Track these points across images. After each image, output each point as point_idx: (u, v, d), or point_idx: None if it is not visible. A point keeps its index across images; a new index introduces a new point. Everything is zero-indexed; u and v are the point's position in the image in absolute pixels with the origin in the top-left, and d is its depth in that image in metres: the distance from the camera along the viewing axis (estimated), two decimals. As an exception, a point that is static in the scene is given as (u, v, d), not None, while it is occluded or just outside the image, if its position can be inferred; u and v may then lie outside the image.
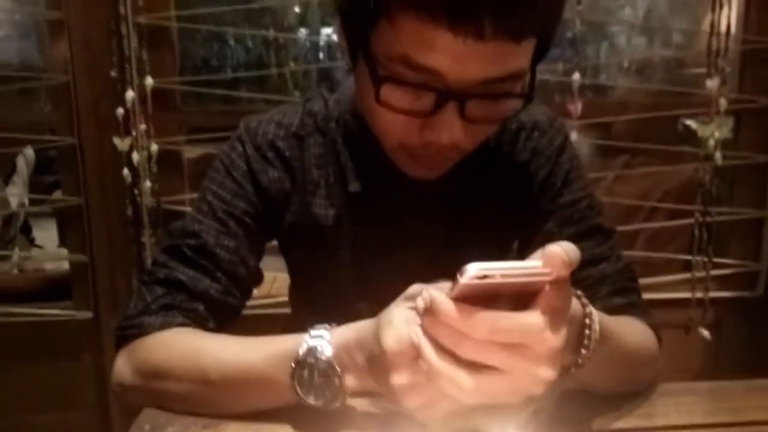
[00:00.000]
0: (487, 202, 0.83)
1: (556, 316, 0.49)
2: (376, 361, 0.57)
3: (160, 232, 1.50)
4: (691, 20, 2.48)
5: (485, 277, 0.47)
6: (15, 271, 2.08)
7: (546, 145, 0.82)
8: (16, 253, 1.88)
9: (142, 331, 0.73)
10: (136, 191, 1.50)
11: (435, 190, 0.77)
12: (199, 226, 0.78)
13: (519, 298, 0.51)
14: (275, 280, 1.65)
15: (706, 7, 1.98)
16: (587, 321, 0.58)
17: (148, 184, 1.50)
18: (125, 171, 1.49)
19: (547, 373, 0.49)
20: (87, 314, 1.60)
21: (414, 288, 0.57)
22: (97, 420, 1.59)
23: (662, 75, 2.07)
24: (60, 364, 1.62)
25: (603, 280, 0.78)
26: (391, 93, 0.64)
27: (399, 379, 0.54)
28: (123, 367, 0.73)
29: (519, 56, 0.63)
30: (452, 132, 0.65)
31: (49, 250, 2.33)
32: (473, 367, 0.49)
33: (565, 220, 0.80)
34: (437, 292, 0.50)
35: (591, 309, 0.59)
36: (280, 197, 0.82)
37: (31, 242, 3.70)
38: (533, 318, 0.49)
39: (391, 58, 0.63)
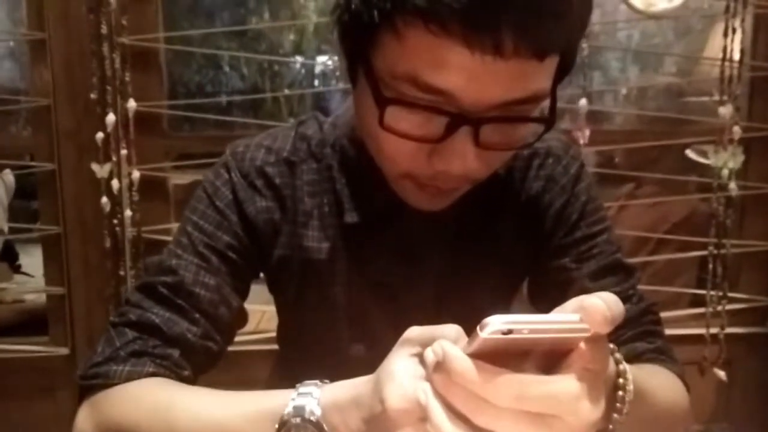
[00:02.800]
0: (496, 235, 0.75)
1: (594, 383, 0.41)
2: (375, 422, 0.49)
3: (141, 265, 1.42)
4: (688, 48, 2.46)
5: (510, 332, 0.39)
6: (-6, 301, 1.99)
7: (561, 173, 0.75)
8: (-5, 282, 1.80)
9: (108, 381, 0.65)
10: (115, 221, 1.42)
11: (440, 222, 0.70)
12: (177, 262, 0.71)
13: (548, 358, 0.43)
14: (264, 315, 1.57)
15: (706, 35, 1.94)
16: (621, 381, 0.51)
17: (128, 213, 1.42)
18: (104, 199, 1.41)
19: None
20: (63, 350, 1.51)
21: (412, 332, 0.50)
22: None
23: (662, 103, 2.03)
24: (35, 402, 1.54)
25: (625, 323, 0.70)
26: (396, 116, 0.56)
27: None
28: (84, 422, 0.65)
29: (541, 76, 0.55)
30: (465, 160, 0.57)
31: (33, 280, 2.24)
32: None
33: (582, 255, 0.74)
34: (451, 346, 0.42)
35: (625, 367, 0.51)
36: (268, 229, 0.74)
37: (16, 270, 3.60)
38: (568, 384, 0.41)
39: (397, 77, 0.55)
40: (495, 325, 0.39)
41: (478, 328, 0.40)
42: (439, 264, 0.74)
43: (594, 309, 0.40)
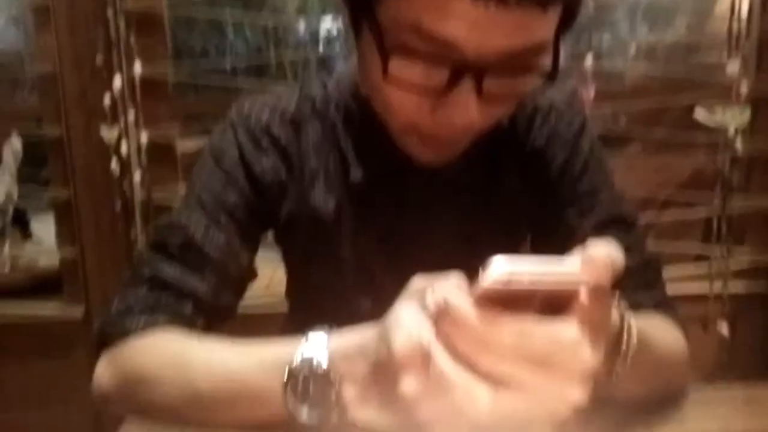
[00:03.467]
0: (500, 190, 0.77)
1: (595, 331, 0.43)
2: (382, 368, 0.51)
3: (151, 228, 1.44)
4: (697, 7, 2.42)
5: (511, 280, 0.41)
6: (7, 266, 2.02)
7: (564, 127, 0.76)
8: (7, 248, 1.82)
9: (124, 334, 0.67)
10: (125, 184, 1.44)
11: (443, 177, 0.71)
12: (187, 220, 0.72)
13: (549, 304, 0.44)
14: (273, 276, 1.59)
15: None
16: (625, 332, 0.52)
17: (137, 176, 1.44)
18: (113, 163, 1.42)
19: (578, 394, 0.43)
20: (78, 311, 1.54)
21: (417, 282, 0.51)
22: (89, 418, 1.54)
23: (671, 62, 2.00)
24: (51, 362, 1.57)
25: (627, 274, 0.71)
26: (400, 68, 0.57)
27: (410, 386, 0.47)
28: (103, 373, 0.68)
29: (544, 26, 0.56)
30: (468, 112, 0.58)
31: (45, 244, 2.27)
32: (493, 380, 0.43)
33: (584, 208, 0.75)
34: (452, 293, 0.44)
35: (630, 318, 0.52)
36: (275, 188, 0.75)
37: (28, 236, 3.64)
38: (569, 331, 0.42)
39: (401, 27, 0.56)
40: (496, 272, 0.40)
41: (479, 274, 0.41)
42: (444, 219, 0.75)
43: (597, 259, 0.42)
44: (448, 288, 0.45)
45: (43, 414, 1.56)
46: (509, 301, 0.43)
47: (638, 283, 0.72)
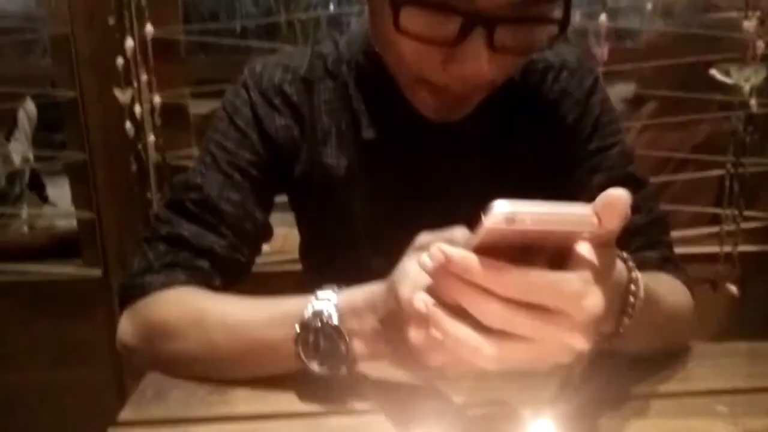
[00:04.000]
0: (511, 148, 0.77)
1: (598, 280, 0.44)
2: (392, 320, 0.53)
3: (167, 189, 1.46)
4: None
5: (514, 221, 0.41)
6: (25, 228, 2.06)
7: (575, 86, 0.76)
8: (25, 211, 1.85)
9: (145, 291, 0.69)
10: (140, 146, 1.45)
11: (456, 135, 0.72)
12: (202, 179, 0.74)
13: (555, 252, 0.45)
14: (287, 237, 1.61)
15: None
16: (632, 287, 0.53)
17: (152, 138, 1.45)
18: (128, 124, 1.43)
19: (581, 343, 0.44)
20: (96, 272, 1.57)
21: (423, 238, 0.53)
22: (110, 376, 1.59)
23: (688, 20, 1.96)
24: (71, 322, 1.60)
25: (634, 232, 0.73)
26: (411, 18, 0.57)
27: (418, 336, 0.49)
28: (126, 327, 0.70)
29: None
30: (479, 63, 0.58)
31: (63, 206, 2.30)
32: (497, 329, 0.44)
33: (594, 167, 0.75)
34: (448, 246, 0.44)
35: (637, 274, 0.53)
36: (288, 147, 0.76)
37: (44, 200, 3.69)
38: (572, 280, 0.43)
39: None
40: (499, 213, 0.40)
41: (482, 215, 0.42)
42: (457, 177, 0.76)
43: (614, 203, 0.42)
44: (443, 241, 0.45)
45: (63, 373, 1.60)
46: (512, 247, 0.43)
47: (646, 241, 0.73)
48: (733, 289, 1.54)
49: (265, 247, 0.82)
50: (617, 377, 0.64)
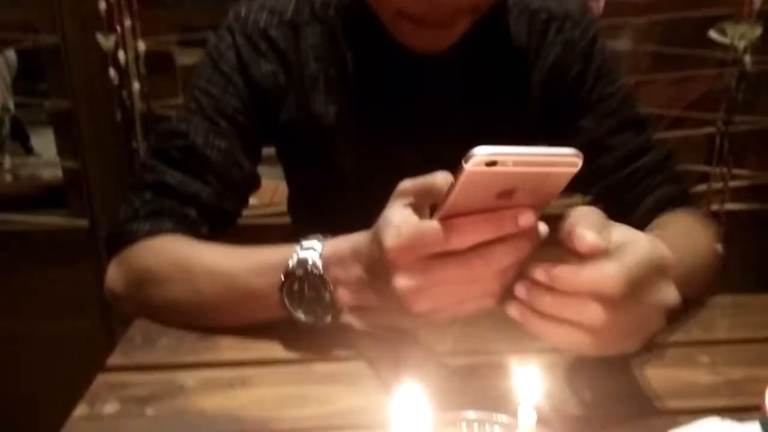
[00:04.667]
0: (510, 97, 0.76)
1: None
2: (376, 268, 0.53)
3: (152, 134, 1.44)
4: None
5: (495, 163, 0.41)
6: (9, 178, 2.03)
7: (579, 37, 0.76)
8: (7, 160, 1.82)
9: (131, 239, 0.69)
10: (124, 94, 1.42)
11: (449, 81, 0.71)
12: (187, 126, 0.72)
13: (537, 191, 0.45)
14: (276, 190, 1.60)
15: None
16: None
17: (136, 85, 1.42)
18: (111, 71, 1.40)
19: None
20: (83, 222, 1.56)
21: (405, 184, 0.52)
22: (98, 326, 1.59)
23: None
24: (58, 273, 1.60)
25: (651, 170, 0.75)
26: None
27: (404, 281, 0.49)
28: (113, 275, 0.70)
29: None
30: None
31: (48, 156, 2.27)
32: None
33: (601, 114, 0.76)
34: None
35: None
36: (274, 93, 0.75)
37: (29, 151, 3.64)
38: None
39: None
40: (479, 156, 0.40)
41: (463, 160, 0.41)
42: (448, 125, 0.75)
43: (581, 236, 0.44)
44: (429, 185, 0.47)
45: (51, 323, 1.60)
46: (494, 190, 0.43)
47: (666, 177, 0.75)
48: (718, 247, 1.55)
49: (253, 200, 0.82)
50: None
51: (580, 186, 0.79)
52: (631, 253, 0.45)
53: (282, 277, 0.57)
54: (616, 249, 0.45)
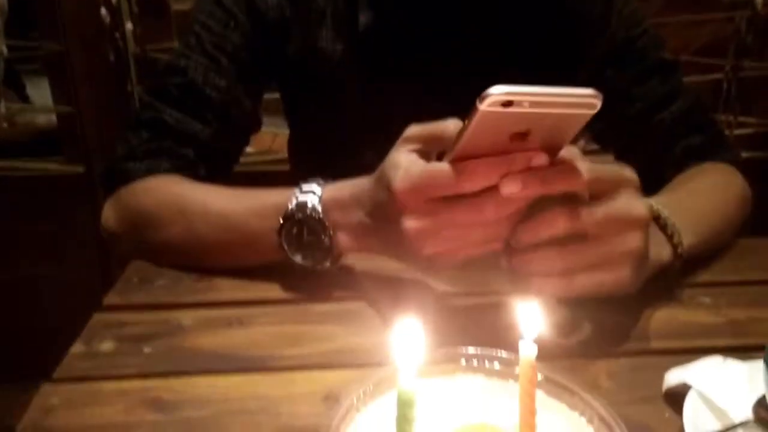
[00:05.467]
0: (525, 42, 0.73)
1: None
2: (381, 212, 0.52)
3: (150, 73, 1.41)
4: None
5: (510, 103, 0.39)
6: (5, 125, 2.00)
7: None
8: (2, 105, 1.79)
9: (128, 178, 0.68)
10: (117, 35, 1.38)
11: (464, 21, 0.68)
12: (186, 63, 0.70)
13: (552, 133, 0.43)
14: (277, 137, 1.58)
15: None
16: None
17: (129, 26, 1.38)
18: (103, 11, 1.36)
19: None
20: (78, 168, 1.55)
21: (413, 129, 0.51)
22: (95, 272, 1.59)
23: None
24: (55, 218, 1.59)
25: (678, 120, 0.73)
26: None
27: (413, 223, 0.48)
28: (110, 214, 0.69)
29: None
30: None
31: (40, 103, 2.23)
32: None
33: (626, 60, 0.74)
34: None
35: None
36: (278, 26, 0.72)
37: (24, 99, 3.59)
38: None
39: None
40: (494, 95, 0.39)
41: (477, 100, 0.40)
42: (459, 67, 0.72)
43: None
44: (440, 130, 0.46)
45: (48, 268, 1.60)
46: (509, 131, 0.42)
47: (691, 126, 0.73)
48: (747, 192, 1.54)
49: (251, 148, 0.80)
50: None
51: (603, 138, 0.78)
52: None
53: (281, 220, 0.56)
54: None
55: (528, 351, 0.35)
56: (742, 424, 0.40)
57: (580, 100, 0.41)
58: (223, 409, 0.46)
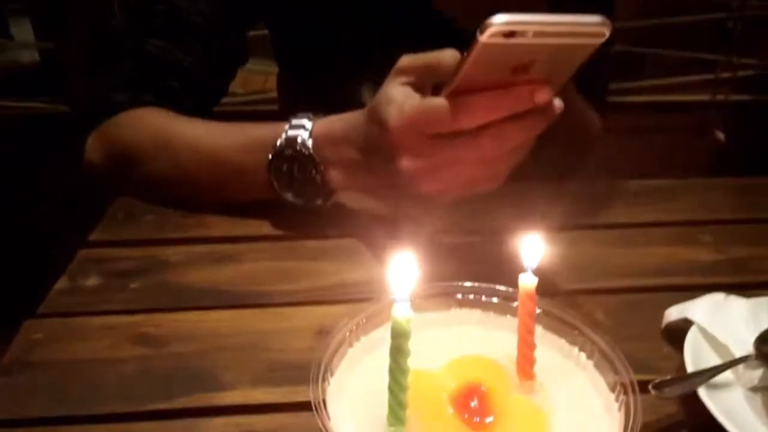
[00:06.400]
0: None
1: None
2: (374, 149, 0.50)
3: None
4: None
5: (513, 34, 0.37)
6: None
7: None
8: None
9: (111, 110, 0.65)
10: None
11: None
12: (171, -13, 0.66)
13: (556, 65, 0.41)
14: (268, 78, 1.54)
15: None
16: None
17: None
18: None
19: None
20: (63, 107, 1.51)
21: (404, 60, 0.48)
22: (82, 213, 1.57)
23: None
24: (40, 158, 1.56)
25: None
26: None
27: (409, 162, 0.47)
28: (93, 148, 0.67)
29: None
30: None
31: (23, 39, 2.17)
32: None
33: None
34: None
35: None
36: None
37: (9, 39, 3.50)
38: None
39: None
40: (497, 26, 0.36)
41: (477, 31, 0.37)
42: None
43: None
44: (435, 60, 0.44)
45: (34, 207, 1.58)
46: (510, 62, 0.40)
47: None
48: (720, 135, 1.53)
49: (241, 89, 0.77)
50: (604, 206, 0.63)
51: None
52: None
53: (270, 155, 0.54)
54: None
55: (528, 282, 0.34)
56: (743, 359, 0.39)
57: (587, 29, 0.38)
58: (212, 345, 0.44)
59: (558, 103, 0.44)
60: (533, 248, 0.35)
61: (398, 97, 0.47)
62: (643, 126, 1.43)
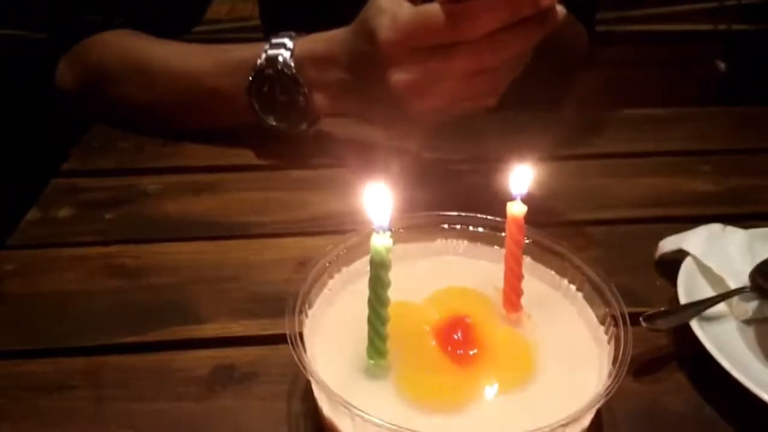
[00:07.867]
0: None
1: None
2: (363, 66, 0.47)
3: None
4: None
5: None
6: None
7: None
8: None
9: (82, 33, 0.61)
10: None
11: None
12: None
13: None
14: (256, 4, 1.48)
15: None
16: None
17: None
18: None
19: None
20: (41, 35, 1.44)
21: None
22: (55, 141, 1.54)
23: None
24: (15, 86, 1.51)
25: None
26: None
27: (401, 75, 0.44)
28: (64, 71, 0.63)
29: None
30: None
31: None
32: None
33: None
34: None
35: None
36: None
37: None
38: None
39: None
40: None
41: None
42: None
43: None
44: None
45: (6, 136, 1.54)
46: None
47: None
48: (722, 66, 1.48)
49: (225, 16, 0.73)
50: (600, 135, 0.61)
51: None
52: None
53: (250, 77, 0.51)
54: None
55: (516, 210, 0.32)
56: (738, 291, 0.38)
57: None
58: (191, 276, 0.43)
59: (560, 8, 0.41)
60: (523, 176, 0.33)
61: (389, 6, 0.43)
62: (641, 57, 1.39)
